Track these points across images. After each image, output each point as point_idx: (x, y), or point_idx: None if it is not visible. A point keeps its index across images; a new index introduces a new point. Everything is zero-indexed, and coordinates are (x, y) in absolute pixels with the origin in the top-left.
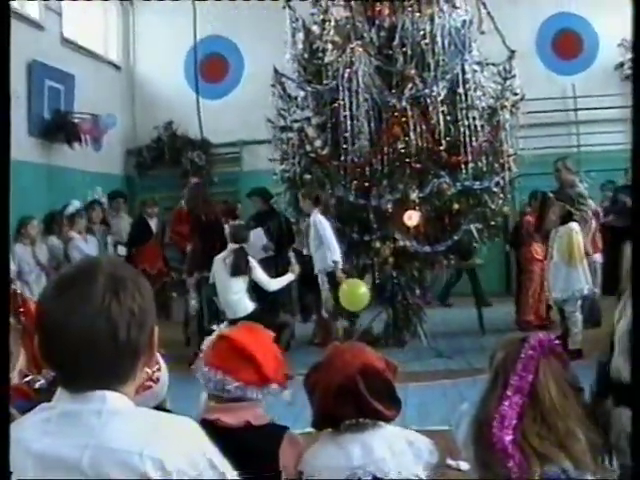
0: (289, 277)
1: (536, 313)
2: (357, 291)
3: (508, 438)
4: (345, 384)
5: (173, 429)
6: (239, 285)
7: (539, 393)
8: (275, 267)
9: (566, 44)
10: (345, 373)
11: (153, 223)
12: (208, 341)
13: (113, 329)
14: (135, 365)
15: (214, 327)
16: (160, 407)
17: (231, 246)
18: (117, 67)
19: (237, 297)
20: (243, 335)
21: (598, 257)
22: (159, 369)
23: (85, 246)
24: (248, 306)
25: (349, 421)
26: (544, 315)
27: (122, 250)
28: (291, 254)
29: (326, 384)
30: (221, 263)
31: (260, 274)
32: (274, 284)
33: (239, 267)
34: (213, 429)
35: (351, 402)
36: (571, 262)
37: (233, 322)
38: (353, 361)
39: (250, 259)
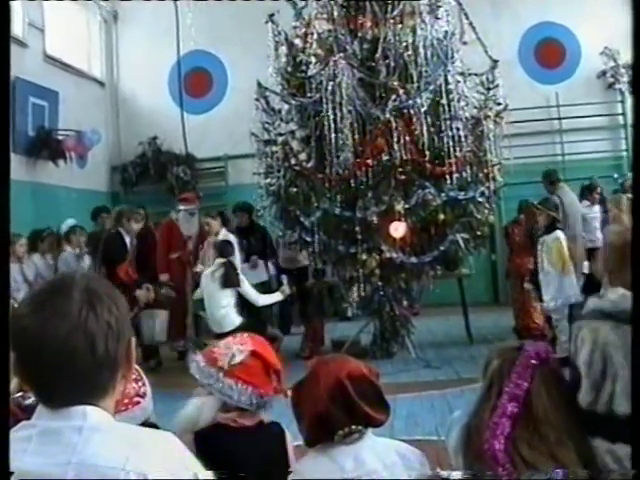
0: (277, 296)
1: (532, 321)
2: None
3: (498, 447)
4: (335, 390)
5: (155, 443)
6: (227, 299)
7: (532, 402)
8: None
9: (548, 53)
10: (334, 380)
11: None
12: (237, 353)
13: (91, 342)
14: (114, 378)
15: (206, 342)
16: (146, 422)
17: (218, 260)
18: (101, 83)
19: (224, 311)
20: (269, 351)
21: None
22: (144, 384)
23: (74, 262)
24: (235, 320)
25: (342, 431)
26: (541, 323)
27: None
28: (284, 276)
29: (315, 394)
30: (209, 277)
31: (249, 288)
32: (262, 299)
33: (230, 279)
34: (226, 431)
35: (342, 408)
36: (564, 270)
37: (219, 337)
38: (339, 368)
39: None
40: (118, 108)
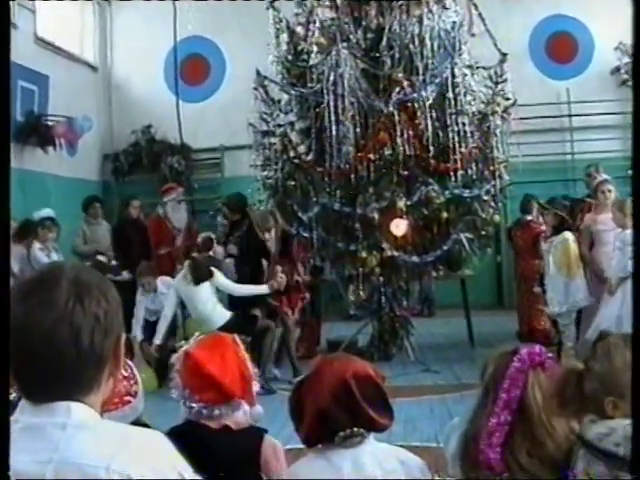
0: (262, 288)
1: (537, 324)
2: None
3: (495, 456)
4: (339, 389)
5: (142, 443)
6: (206, 295)
7: (527, 408)
8: (247, 277)
9: (560, 47)
10: (338, 379)
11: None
12: (175, 358)
13: (76, 335)
14: (100, 374)
15: (182, 343)
16: (138, 421)
17: (186, 262)
18: (94, 68)
19: (209, 307)
20: (204, 353)
21: None
22: (136, 382)
23: (45, 259)
24: (224, 314)
25: (343, 433)
26: (547, 327)
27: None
28: (278, 268)
29: (318, 393)
30: (182, 281)
31: (222, 279)
32: (239, 289)
33: (198, 274)
34: (195, 430)
35: (345, 409)
36: (570, 273)
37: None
38: (344, 368)
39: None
40: (111, 94)
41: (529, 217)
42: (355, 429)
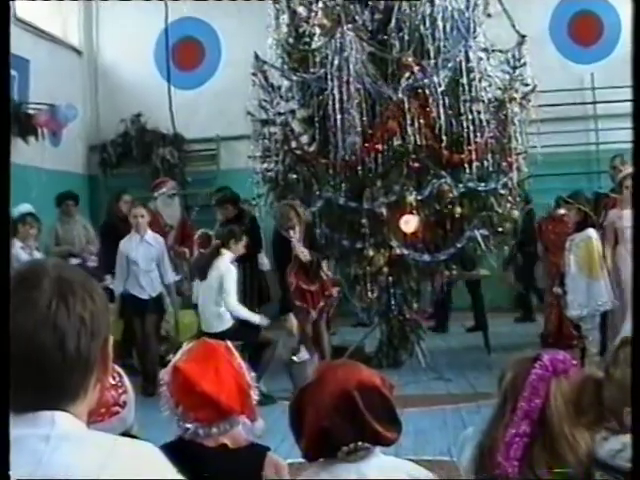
0: (255, 317)
1: (561, 329)
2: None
3: (512, 469)
4: (341, 402)
5: (130, 454)
6: (209, 294)
7: (549, 419)
8: (244, 276)
9: (584, 28)
10: (341, 389)
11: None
12: (164, 372)
13: (60, 339)
14: (87, 380)
15: (170, 357)
16: (127, 434)
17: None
18: (78, 52)
19: (215, 310)
20: (196, 367)
21: None
22: (125, 392)
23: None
24: (227, 321)
25: (347, 447)
26: (572, 332)
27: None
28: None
29: (319, 404)
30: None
31: (230, 283)
32: (235, 306)
33: (203, 268)
34: (189, 449)
35: (349, 422)
36: (592, 274)
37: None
38: (348, 377)
39: (222, 262)
40: (97, 80)
41: (562, 210)
42: (359, 444)
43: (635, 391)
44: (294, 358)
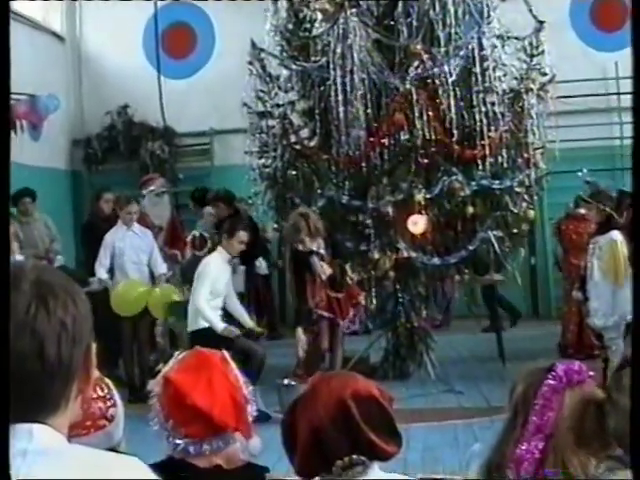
0: (219, 325)
1: (581, 338)
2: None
3: None
4: (336, 411)
5: (115, 469)
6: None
7: (561, 435)
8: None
9: (607, 13)
10: (335, 399)
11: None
12: (154, 383)
13: (39, 345)
14: (68, 390)
15: (160, 366)
16: (114, 451)
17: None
18: (60, 38)
19: (192, 307)
20: (187, 378)
21: None
22: (114, 405)
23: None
24: (198, 320)
25: (342, 461)
26: (593, 341)
27: None
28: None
29: (312, 415)
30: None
31: (203, 280)
32: (201, 305)
33: (186, 273)
34: (180, 470)
35: (343, 433)
36: (618, 280)
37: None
38: (343, 386)
39: (206, 259)
40: (81, 69)
41: (582, 210)
42: (354, 457)
43: (635, 396)
44: (284, 381)
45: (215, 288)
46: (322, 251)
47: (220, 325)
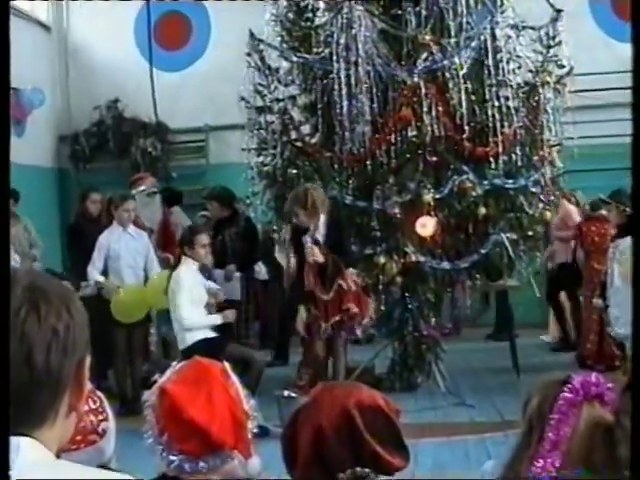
0: (216, 318)
1: (602, 348)
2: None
3: None
4: (339, 421)
5: None
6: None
7: (578, 451)
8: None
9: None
10: (338, 409)
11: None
12: (149, 394)
13: (27, 351)
14: (57, 402)
15: (156, 377)
16: (104, 467)
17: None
18: (46, 28)
19: (176, 326)
20: (185, 391)
21: None
22: (106, 419)
23: None
24: (196, 334)
25: (344, 474)
26: (614, 351)
27: None
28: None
29: (314, 426)
30: None
31: (181, 296)
32: (192, 320)
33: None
34: None
35: (347, 444)
36: None
37: (185, 355)
38: (347, 395)
39: (176, 272)
40: (68, 60)
41: (604, 211)
42: (358, 469)
43: (635, 396)
44: (284, 393)
45: (193, 300)
46: (319, 236)
47: (216, 319)
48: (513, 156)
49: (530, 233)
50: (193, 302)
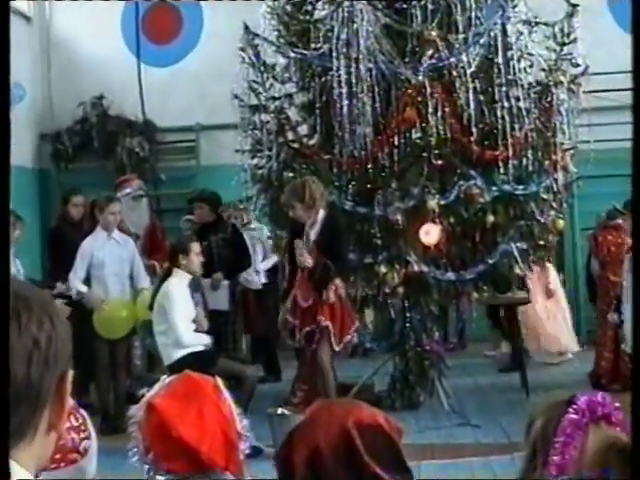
0: (207, 338)
1: (617, 367)
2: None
3: None
4: (338, 441)
5: None
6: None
7: (584, 474)
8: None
9: None
10: (336, 428)
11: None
12: (135, 409)
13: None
14: (36, 417)
15: (144, 391)
16: None
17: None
18: (27, 18)
19: (161, 340)
20: (174, 407)
21: None
22: (88, 437)
23: None
24: (172, 353)
25: None
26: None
27: None
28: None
29: (311, 446)
30: None
31: (175, 312)
32: (190, 337)
33: (153, 295)
34: None
35: (345, 466)
36: None
37: (172, 370)
38: (345, 414)
39: (166, 285)
40: (50, 54)
41: (619, 220)
42: None
43: (635, 394)
44: (277, 411)
45: (187, 316)
46: (312, 236)
47: (207, 338)
48: (524, 160)
49: (541, 242)
50: (187, 318)
